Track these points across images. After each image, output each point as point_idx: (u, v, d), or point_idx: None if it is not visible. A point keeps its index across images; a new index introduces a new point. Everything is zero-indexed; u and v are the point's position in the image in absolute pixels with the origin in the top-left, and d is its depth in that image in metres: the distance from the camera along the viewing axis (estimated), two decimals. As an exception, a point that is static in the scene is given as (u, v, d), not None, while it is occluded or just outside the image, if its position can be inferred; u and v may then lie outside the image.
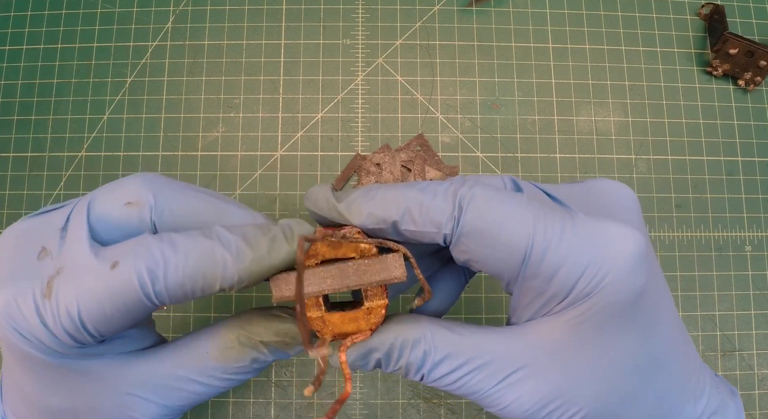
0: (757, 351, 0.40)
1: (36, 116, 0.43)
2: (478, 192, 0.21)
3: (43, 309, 0.20)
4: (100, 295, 0.19)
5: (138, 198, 0.21)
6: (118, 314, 0.20)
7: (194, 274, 0.20)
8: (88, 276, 0.20)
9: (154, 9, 0.44)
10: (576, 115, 0.43)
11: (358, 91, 0.43)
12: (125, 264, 0.19)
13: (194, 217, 0.22)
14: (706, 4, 0.44)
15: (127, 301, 0.20)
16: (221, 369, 0.23)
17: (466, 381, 0.22)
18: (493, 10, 0.44)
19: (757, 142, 0.43)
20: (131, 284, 0.19)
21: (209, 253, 0.20)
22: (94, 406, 0.22)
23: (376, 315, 0.23)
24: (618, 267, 0.20)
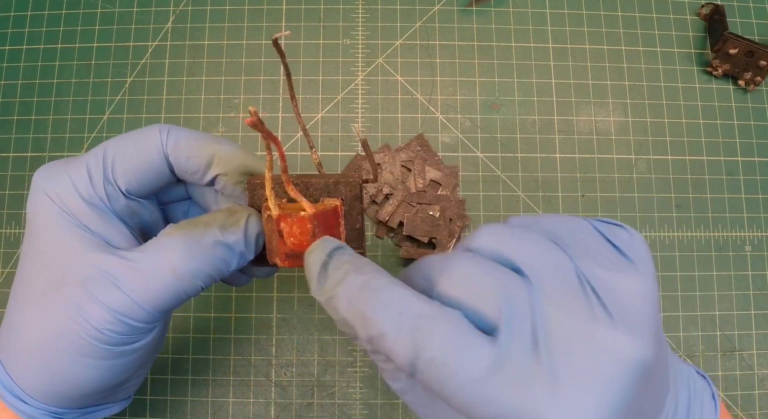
0: (757, 351, 0.40)
1: (36, 116, 0.43)
2: (437, 357, 0.19)
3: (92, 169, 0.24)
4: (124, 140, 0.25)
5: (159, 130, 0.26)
6: (142, 168, 0.25)
7: (197, 144, 0.25)
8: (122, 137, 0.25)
9: (154, 9, 0.44)
10: (576, 115, 0.43)
11: (358, 91, 0.43)
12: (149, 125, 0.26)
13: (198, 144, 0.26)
14: (706, 4, 0.44)
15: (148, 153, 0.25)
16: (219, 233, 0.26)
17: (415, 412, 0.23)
18: (493, 10, 0.44)
19: (757, 142, 0.43)
20: (154, 137, 0.25)
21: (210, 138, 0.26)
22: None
23: (330, 206, 0.24)
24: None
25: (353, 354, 0.39)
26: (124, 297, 0.23)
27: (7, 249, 0.41)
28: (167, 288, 0.23)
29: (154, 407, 0.39)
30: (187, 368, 0.39)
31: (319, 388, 0.39)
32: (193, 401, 0.39)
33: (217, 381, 0.39)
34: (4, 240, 0.41)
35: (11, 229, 0.41)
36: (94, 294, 0.23)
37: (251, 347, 0.39)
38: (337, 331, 0.40)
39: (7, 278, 0.41)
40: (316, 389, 0.39)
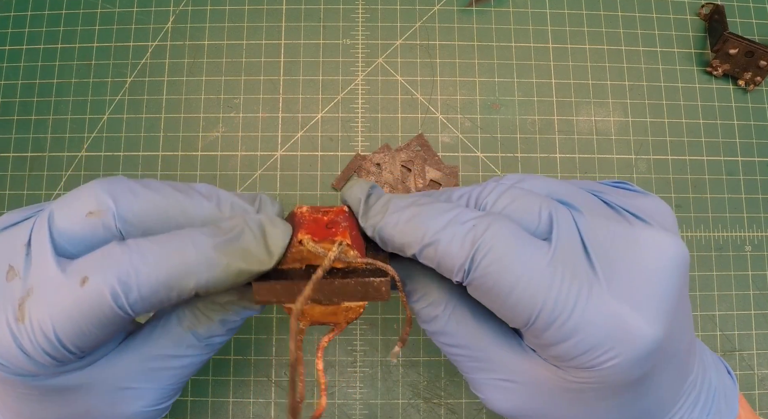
0: (757, 351, 0.40)
1: (36, 116, 0.43)
2: (496, 246, 0.19)
3: (18, 333, 0.19)
4: (74, 313, 0.19)
5: (98, 206, 0.20)
6: (95, 329, 0.19)
7: (168, 282, 0.19)
8: (58, 295, 0.19)
9: (154, 9, 0.44)
10: (576, 115, 0.43)
11: (358, 91, 0.43)
12: (94, 278, 0.19)
13: (160, 216, 0.21)
14: (706, 4, 0.44)
15: (101, 316, 0.19)
16: (197, 337, 0.23)
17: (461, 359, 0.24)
18: (493, 10, 0.44)
19: (757, 142, 0.43)
20: (104, 299, 0.19)
21: (181, 259, 0.19)
22: (87, 410, 0.22)
23: (354, 312, 0.23)
24: (626, 354, 0.19)
25: (353, 354, 0.39)
26: None
27: (7, 249, 0.41)
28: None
29: (154, 407, 0.39)
30: (187, 368, 0.39)
31: (319, 388, 0.39)
32: (193, 401, 0.39)
33: (217, 381, 0.39)
34: None
35: None
36: None
37: (251, 347, 0.39)
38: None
39: (7, 278, 0.41)
40: (316, 389, 0.39)
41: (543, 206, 0.21)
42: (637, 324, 0.19)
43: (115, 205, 0.20)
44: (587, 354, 0.19)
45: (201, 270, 0.20)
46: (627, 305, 0.19)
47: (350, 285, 0.21)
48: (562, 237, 0.20)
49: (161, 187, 0.21)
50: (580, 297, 0.19)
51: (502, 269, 0.19)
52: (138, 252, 0.19)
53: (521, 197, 0.21)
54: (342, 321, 0.23)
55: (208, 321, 0.23)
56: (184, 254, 0.19)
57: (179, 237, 0.20)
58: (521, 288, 0.19)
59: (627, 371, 0.19)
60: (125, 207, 0.20)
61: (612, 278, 0.20)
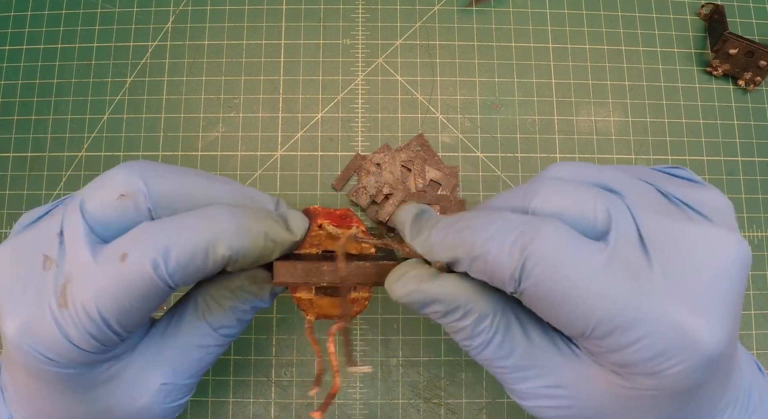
0: (757, 352, 0.40)
1: (36, 116, 0.43)
2: (547, 253, 0.18)
3: (62, 320, 0.19)
4: (117, 290, 0.19)
5: (129, 189, 0.20)
6: (137, 304, 0.20)
7: (203, 247, 0.20)
8: (100, 275, 0.19)
9: (154, 9, 0.44)
10: (576, 115, 0.43)
11: (358, 91, 0.43)
12: (134, 254, 0.19)
13: (185, 198, 0.21)
14: (706, 4, 0.44)
15: (143, 289, 0.20)
16: (211, 326, 0.24)
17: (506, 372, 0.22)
18: (493, 10, 0.44)
19: (757, 142, 0.43)
20: (145, 271, 0.19)
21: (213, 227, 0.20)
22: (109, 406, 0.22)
23: (359, 305, 0.24)
24: (691, 361, 0.18)
25: (353, 354, 0.39)
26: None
27: (7, 249, 0.41)
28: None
29: (154, 407, 0.39)
30: (187, 368, 0.39)
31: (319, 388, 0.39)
32: (193, 401, 0.39)
33: (217, 381, 0.39)
34: (4, 240, 0.41)
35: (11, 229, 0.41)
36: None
37: (251, 347, 0.39)
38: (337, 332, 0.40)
39: (7, 278, 0.41)
40: (316, 389, 0.39)
41: (598, 202, 0.20)
42: (701, 331, 0.18)
43: (146, 186, 0.21)
44: (651, 361, 0.18)
45: (231, 236, 0.20)
46: (691, 310, 0.18)
47: (366, 266, 0.22)
48: (619, 238, 0.19)
49: (185, 171, 0.22)
50: (641, 302, 0.18)
51: (555, 277, 0.18)
52: (171, 225, 0.20)
53: (573, 193, 0.20)
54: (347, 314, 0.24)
55: (219, 308, 0.24)
56: (215, 222, 0.20)
57: (209, 209, 0.21)
58: (577, 296, 0.18)
59: (690, 377, 0.19)
60: (155, 188, 0.21)
61: (674, 281, 0.18)
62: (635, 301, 0.18)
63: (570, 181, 0.21)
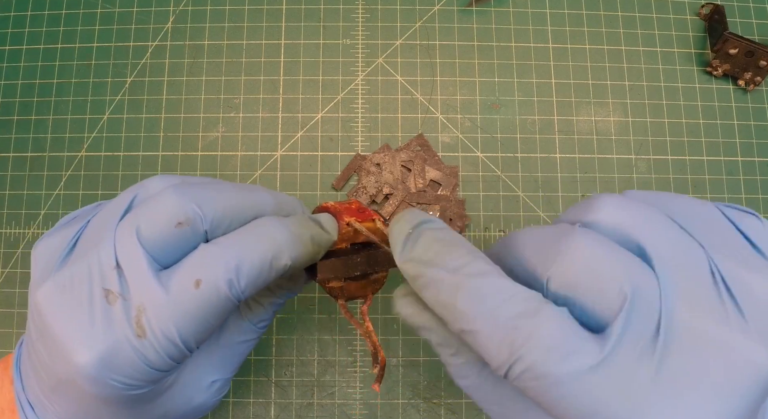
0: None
1: (36, 116, 0.43)
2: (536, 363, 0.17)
3: (142, 349, 0.20)
4: (196, 313, 0.20)
5: (186, 215, 0.21)
6: (214, 321, 0.21)
7: (269, 261, 0.21)
8: (176, 303, 0.20)
9: (154, 9, 0.44)
10: (576, 115, 0.43)
11: (358, 91, 0.43)
12: (207, 278, 0.20)
13: (237, 214, 0.22)
14: (706, 4, 0.44)
15: (219, 308, 0.21)
16: (251, 322, 0.26)
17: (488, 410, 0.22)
18: (493, 10, 0.44)
19: (757, 142, 0.43)
20: (221, 292, 0.20)
21: (272, 240, 0.22)
22: (166, 411, 0.23)
23: (379, 282, 0.27)
24: None
25: (353, 354, 0.39)
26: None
27: (7, 250, 0.41)
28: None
29: (154, 407, 0.39)
30: (187, 368, 0.39)
31: (319, 388, 0.39)
32: (193, 401, 0.39)
33: (217, 381, 0.39)
34: (4, 240, 0.41)
35: (11, 229, 0.41)
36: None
37: (251, 347, 0.39)
38: (337, 331, 0.40)
39: (7, 278, 0.41)
40: (316, 389, 0.39)
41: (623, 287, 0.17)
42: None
43: (200, 210, 0.21)
44: None
45: (290, 246, 0.22)
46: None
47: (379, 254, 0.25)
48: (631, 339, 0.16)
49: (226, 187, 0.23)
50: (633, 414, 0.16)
51: (543, 388, 0.17)
52: (235, 245, 0.21)
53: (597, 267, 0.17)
54: (370, 293, 0.27)
55: (259, 306, 0.26)
56: (273, 235, 0.22)
57: (262, 224, 0.22)
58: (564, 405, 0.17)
59: None
60: (209, 211, 0.21)
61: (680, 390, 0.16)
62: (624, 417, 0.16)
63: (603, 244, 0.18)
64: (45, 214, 0.41)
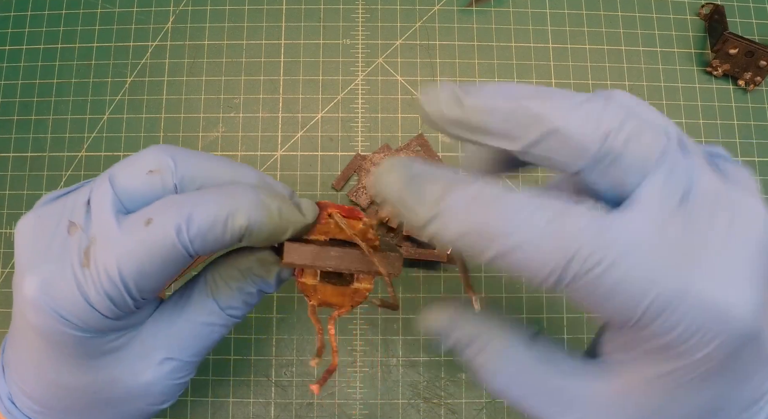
0: (757, 351, 0.40)
1: (36, 116, 0.43)
2: (591, 252, 0.16)
3: (83, 280, 0.20)
4: (140, 253, 0.20)
5: (158, 165, 0.21)
6: (157, 268, 0.21)
7: (223, 217, 0.21)
8: (124, 238, 0.20)
9: (154, 9, 0.44)
10: (576, 115, 0.43)
11: (358, 91, 0.43)
12: (158, 219, 0.20)
13: (213, 179, 0.22)
14: (706, 4, 0.44)
15: (164, 254, 0.20)
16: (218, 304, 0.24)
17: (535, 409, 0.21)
18: (493, 10, 0.44)
19: (757, 142, 0.43)
20: (168, 235, 0.20)
21: (234, 199, 0.21)
22: (113, 378, 0.23)
23: (360, 295, 0.25)
24: (724, 338, 0.17)
25: (353, 354, 0.39)
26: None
27: (7, 250, 0.41)
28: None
29: (154, 407, 0.39)
30: (187, 368, 0.39)
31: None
32: (193, 401, 0.39)
33: (217, 381, 0.39)
34: (4, 240, 0.41)
35: (11, 229, 0.41)
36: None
37: (251, 347, 0.39)
38: (337, 331, 0.40)
39: (7, 278, 0.41)
40: (316, 389, 0.39)
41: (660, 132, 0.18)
42: (737, 303, 0.17)
43: (174, 164, 0.22)
44: (687, 343, 0.17)
45: (250, 210, 0.21)
46: (729, 282, 0.17)
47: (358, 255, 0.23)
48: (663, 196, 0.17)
49: (212, 156, 0.23)
50: (687, 279, 0.17)
51: (601, 278, 0.17)
52: (195, 195, 0.21)
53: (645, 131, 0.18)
54: (348, 304, 0.25)
55: (227, 288, 0.24)
56: (236, 195, 0.21)
57: (231, 185, 0.22)
58: (623, 288, 0.17)
59: (719, 353, 0.17)
60: (182, 166, 0.22)
61: (711, 250, 0.17)
62: (683, 279, 0.17)
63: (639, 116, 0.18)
64: (45, 214, 0.41)
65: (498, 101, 0.18)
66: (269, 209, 0.22)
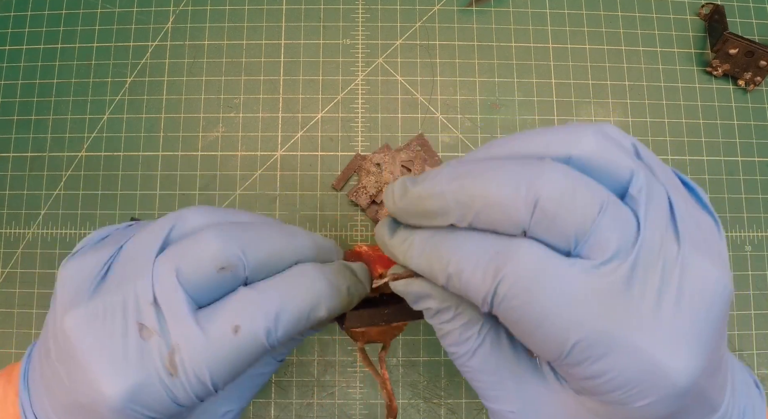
0: (757, 351, 0.40)
1: (36, 116, 0.43)
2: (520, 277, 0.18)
3: (172, 387, 0.20)
4: (231, 359, 0.21)
5: (229, 261, 0.21)
6: (246, 366, 0.21)
7: (306, 312, 0.22)
8: (213, 346, 0.20)
9: (154, 9, 0.44)
10: (576, 115, 0.43)
11: (358, 91, 0.43)
12: (246, 325, 0.21)
13: (278, 260, 0.22)
14: (706, 4, 0.44)
15: (255, 355, 0.21)
16: (273, 356, 0.26)
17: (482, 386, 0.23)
18: (493, 10, 0.44)
19: (757, 142, 0.43)
20: (259, 340, 0.21)
21: (312, 290, 0.22)
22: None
23: (398, 329, 0.28)
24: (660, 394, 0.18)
25: (353, 354, 0.39)
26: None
27: (7, 250, 0.41)
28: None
29: (154, 407, 0.39)
30: (187, 368, 0.39)
31: (319, 388, 0.39)
32: (193, 401, 0.39)
33: (217, 381, 0.39)
34: (4, 240, 0.41)
35: (11, 229, 0.41)
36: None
37: (251, 347, 0.39)
38: (337, 331, 0.40)
39: (7, 278, 0.41)
40: (316, 389, 0.39)
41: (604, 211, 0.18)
42: (674, 366, 0.17)
43: (244, 256, 0.21)
44: (617, 393, 0.18)
45: (328, 298, 0.22)
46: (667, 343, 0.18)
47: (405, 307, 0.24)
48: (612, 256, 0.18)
49: (269, 228, 0.23)
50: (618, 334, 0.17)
51: (529, 302, 0.18)
52: (276, 292, 0.21)
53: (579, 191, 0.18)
54: (389, 339, 0.28)
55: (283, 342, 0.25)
56: (313, 286, 0.22)
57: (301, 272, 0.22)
58: (552, 322, 0.18)
59: (659, 410, 0.18)
60: (252, 258, 0.21)
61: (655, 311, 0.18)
62: (613, 331, 0.17)
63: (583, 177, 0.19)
64: (45, 214, 0.41)
65: (440, 186, 0.19)
66: (341, 292, 0.23)
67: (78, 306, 0.21)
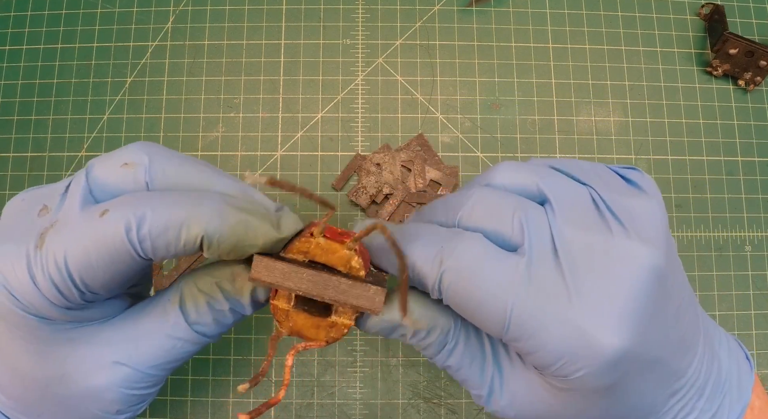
0: (757, 351, 0.40)
1: (36, 116, 0.43)
2: (460, 267, 0.21)
3: (33, 261, 0.20)
4: (86, 243, 0.20)
5: (133, 160, 0.22)
6: (102, 264, 0.20)
7: (177, 222, 0.20)
8: (76, 226, 0.20)
9: (154, 9, 0.44)
10: (576, 115, 0.43)
11: (358, 91, 0.43)
12: (113, 212, 0.20)
13: (186, 183, 0.22)
14: (706, 4, 0.44)
15: (111, 249, 0.20)
16: (184, 316, 0.23)
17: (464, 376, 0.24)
18: (493, 10, 0.44)
19: (757, 142, 0.43)
20: (117, 231, 0.20)
21: (193, 205, 0.20)
22: (63, 374, 0.22)
23: (338, 331, 0.23)
24: (591, 365, 0.20)
25: (353, 354, 0.39)
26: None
27: (7, 249, 0.41)
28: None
29: (154, 407, 0.39)
30: (187, 368, 0.39)
31: (319, 388, 0.39)
32: (193, 401, 0.39)
33: (217, 381, 0.39)
34: None
35: (11, 229, 0.41)
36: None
37: (251, 347, 0.39)
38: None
39: (7, 278, 0.41)
40: (316, 389, 0.39)
41: (516, 214, 0.21)
42: (599, 337, 0.19)
43: (149, 161, 0.21)
44: (554, 366, 0.20)
45: (209, 218, 0.20)
46: (593, 318, 0.20)
47: (348, 283, 0.21)
48: (532, 251, 0.21)
49: (194, 160, 0.23)
50: (546, 311, 0.20)
51: (468, 287, 0.21)
52: (157, 195, 0.21)
53: (494, 205, 0.22)
54: (323, 339, 0.23)
55: (195, 300, 0.23)
56: (197, 202, 0.20)
57: (200, 192, 0.21)
58: (488, 304, 0.20)
59: (596, 380, 0.20)
60: (157, 166, 0.22)
61: (581, 291, 0.20)
62: (540, 309, 0.20)
63: (498, 191, 0.22)
64: (45, 214, 0.41)
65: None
66: (232, 219, 0.20)
67: (17, 195, 0.24)
